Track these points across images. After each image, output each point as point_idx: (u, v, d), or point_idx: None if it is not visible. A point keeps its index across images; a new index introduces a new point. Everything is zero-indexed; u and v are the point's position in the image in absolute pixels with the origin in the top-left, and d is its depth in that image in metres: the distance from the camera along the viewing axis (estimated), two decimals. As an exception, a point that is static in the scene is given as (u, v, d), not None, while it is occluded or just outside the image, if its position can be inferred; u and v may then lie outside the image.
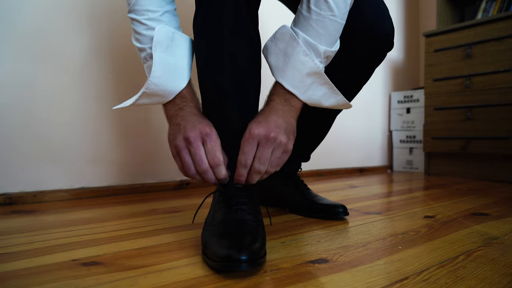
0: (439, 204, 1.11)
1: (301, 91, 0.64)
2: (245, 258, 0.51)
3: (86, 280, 0.50)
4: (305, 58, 0.62)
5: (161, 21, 0.65)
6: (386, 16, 0.75)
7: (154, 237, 0.73)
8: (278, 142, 0.61)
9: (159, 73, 0.63)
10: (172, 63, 0.65)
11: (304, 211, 0.93)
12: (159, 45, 0.63)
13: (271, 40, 0.66)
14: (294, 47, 0.62)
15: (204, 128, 0.61)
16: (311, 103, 0.66)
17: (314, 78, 0.63)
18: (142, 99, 0.65)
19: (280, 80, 0.64)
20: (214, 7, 0.62)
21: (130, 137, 1.33)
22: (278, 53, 0.64)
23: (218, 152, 0.61)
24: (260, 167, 0.61)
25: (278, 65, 0.64)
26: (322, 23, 0.62)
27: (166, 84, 0.64)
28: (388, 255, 0.62)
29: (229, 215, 0.62)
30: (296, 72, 0.62)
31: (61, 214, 0.95)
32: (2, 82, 1.09)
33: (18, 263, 0.58)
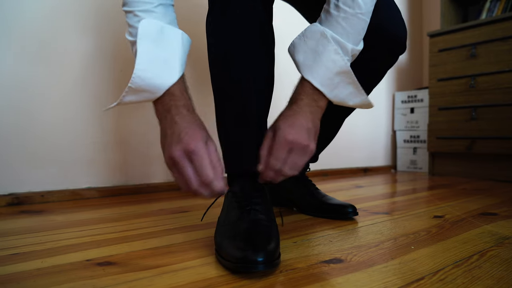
0: (447, 204, 1.11)
1: (329, 89, 0.63)
2: (262, 259, 0.51)
3: (102, 280, 0.50)
4: (336, 57, 0.61)
5: (154, 13, 0.61)
6: (399, 19, 0.75)
7: (165, 237, 0.73)
8: (309, 150, 0.62)
9: (144, 65, 0.59)
10: (160, 56, 0.60)
11: (313, 211, 0.93)
12: (145, 37, 0.59)
13: (299, 38, 0.64)
14: (325, 45, 0.61)
15: (188, 143, 0.56)
16: (336, 102, 0.65)
17: (342, 76, 0.62)
18: (129, 96, 0.61)
19: (309, 78, 0.62)
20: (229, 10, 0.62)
21: (135, 137, 1.33)
22: (307, 51, 0.63)
23: (206, 170, 0.57)
24: (288, 172, 0.62)
25: (307, 62, 0.63)
26: (351, 21, 0.61)
27: (152, 78, 0.59)
28: (401, 255, 0.62)
29: (243, 216, 0.61)
30: (326, 70, 0.61)
31: (70, 214, 0.95)
32: (5, 84, 1.09)
33: (31, 263, 0.58)
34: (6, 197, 1.07)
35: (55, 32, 1.17)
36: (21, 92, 1.11)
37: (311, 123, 0.63)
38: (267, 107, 0.69)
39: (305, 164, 0.65)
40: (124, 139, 1.31)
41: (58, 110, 1.18)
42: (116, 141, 1.29)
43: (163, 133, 0.61)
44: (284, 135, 0.60)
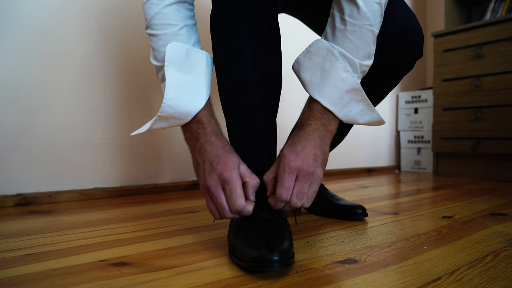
0: (454, 204, 1.11)
1: (339, 108, 0.61)
2: (277, 258, 0.51)
3: (119, 281, 0.50)
4: (345, 74, 0.59)
5: (179, 36, 0.61)
6: (416, 25, 0.74)
7: (176, 237, 0.73)
8: (315, 177, 0.60)
9: (174, 94, 0.59)
10: (188, 81, 0.60)
11: (322, 212, 0.93)
12: (172, 64, 0.59)
13: (304, 55, 0.62)
14: (333, 63, 0.59)
15: (222, 173, 0.57)
16: (346, 120, 0.63)
17: (352, 94, 0.61)
18: (158, 123, 0.61)
19: (317, 97, 0.61)
20: (231, 7, 0.61)
21: (142, 138, 1.33)
22: (314, 69, 0.61)
23: (238, 199, 0.58)
24: (297, 202, 0.60)
25: (314, 81, 0.61)
26: (359, 33, 0.59)
27: (182, 106, 0.59)
28: (415, 255, 0.62)
29: (256, 215, 0.61)
30: (335, 89, 0.60)
31: (79, 215, 0.95)
32: (11, 84, 1.09)
33: (46, 263, 0.58)
34: (14, 198, 1.07)
35: (62, 31, 1.17)
36: (28, 93, 1.11)
37: (319, 150, 0.61)
38: (275, 106, 0.68)
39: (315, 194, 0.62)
40: (131, 140, 1.31)
41: (66, 110, 1.18)
42: (123, 142, 1.29)
43: (195, 161, 0.63)
44: (288, 162, 0.58)
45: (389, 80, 0.80)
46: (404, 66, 0.77)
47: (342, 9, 0.60)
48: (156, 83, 1.36)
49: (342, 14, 0.60)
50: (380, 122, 0.66)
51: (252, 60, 0.61)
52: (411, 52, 0.75)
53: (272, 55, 0.64)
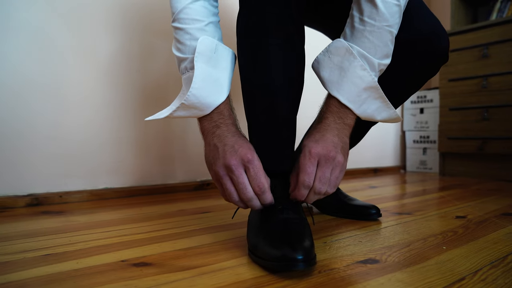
0: (465, 204, 1.11)
1: (357, 105, 0.63)
2: (301, 257, 0.51)
3: (144, 281, 0.50)
4: (362, 73, 0.61)
5: (205, 31, 0.63)
6: (442, 30, 0.74)
7: (194, 237, 0.73)
8: (337, 162, 0.61)
9: (200, 84, 0.61)
10: (213, 75, 0.63)
11: (336, 212, 0.93)
12: (201, 56, 0.62)
13: (324, 54, 0.65)
14: (351, 61, 0.61)
15: (245, 153, 0.59)
16: (364, 117, 0.65)
17: (370, 92, 0.63)
18: (179, 111, 0.63)
19: (335, 94, 0.63)
20: (259, 9, 0.61)
21: (152, 138, 1.33)
22: (333, 67, 0.63)
23: (262, 178, 0.60)
24: (321, 188, 0.61)
25: (333, 79, 0.63)
26: (378, 34, 0.61)
27: (205, 97, 0.62)
28: (435, 255, 0.62)
29: (276, 215, 0.61)
30: (353, 86, 0.62)
31: (92, 215, 0.95)
32: (23, 83, 1.09)
33: (67, 264, 0.58)
34: (25, 198, 1.07)
35: (75, 30, 1.17)
36: (39, 92, 1.11)
37: (337, 138, 0.63)
38: (296, 106, 0.69)
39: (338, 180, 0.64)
40: (141, 140, 1.31)
41: (75, 110, 1.18)
42: (133, 142, 1.29)
43: (212, 147, 0.63)
44: (309, 150, 0.60)
45: (414, 83, 0.80)
46: (431, 70, 0.77)
47: (361, 10, 0.62)
48: (168, 82, 1.36)
49: (362, 15, 0.62)
50: (397, 119, 0.68)
51: (279, 62, 0.62)
52: (439, 56, 0.75)
53: (296, 57, 0.64)
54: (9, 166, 1.07)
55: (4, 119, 1.06)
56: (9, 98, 1.06)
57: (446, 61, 0.79)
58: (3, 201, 1.04)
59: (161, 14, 1.34)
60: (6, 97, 1.06)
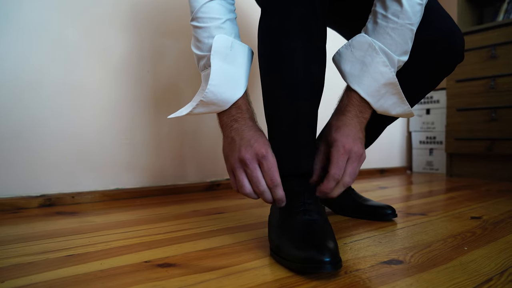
0: (478, 205, 1.11)
1: (375, 99, 0.65)
2: (328, 259, 0.50)
3: (171, 282, 0.50)
4: (384, 69, 0.63)
5: (222, 29, 0.65)
6: (458, 30, 0.76)
7: (213, 238, 0.73)
8: (362, 158, 0.65)
9: (217, 81, 0.62)
10: (230, 71, 0.64)
11: (351, 212, 0.93)
12: (217, 54, 0.63)
13: (346, 48, 0.66)
14: (373, 57, 0.63)
15: (260, 148, 0.60)
16: (380, 111, 0.67)
17: (388, 87, 0.65)
18: (198, 108, 0.65)
19: (356, 88, 0.65)
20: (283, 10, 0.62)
21: (163, 139, 1.33)
22: (354, 61, 0.65)
23: (276, 173, 0.61)
24: (349, 181, 0.63)
25: (354, 73, 0.65)
26: (400, 31, 0.63)
27: (223, 93, 0.63)
28: (458, 256, 0.62)
29: (298, 216, 0.61)
30: (373, 81, 0.64)
31: (106, 216, 0.95)
32: (35, 83, 1.09)
33: (90, 265, 0.58)
34: (38, 198, 1.07)
35: (86, 30, 1.17)
36: (51, 93, 1.11)
37: (361, 133, 0.66)
38: (317, 107, 0.69)
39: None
40: (152, 141, 1.31)
41: (87, 111, 1.18)
42: (144, 142, 1.29)
43: (230, 140, 0.64)
44: (343, 145, 0.62)
45: (431, 82, 0.81)
46: (447, 69, 0.78)
47: (386, 7, 0.64)
48: (179, 82, 1.36)
49: (386, 12, 0.64)
50: (410, 114, 0.71)
51: (300, 62, 0.62)
52: (455, 55, 0.76)
53: (318, 58, 0.65)
54: (21, 167, 1.07)
55: (17, 118, 1.06)
56: (21, 98, 1.06)
57: (462, 60, 0.79)
58: (17, 202, 1.04)
59: (173, 15, 1.34)
60: (20, 96, 1.06)
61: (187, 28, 1.35)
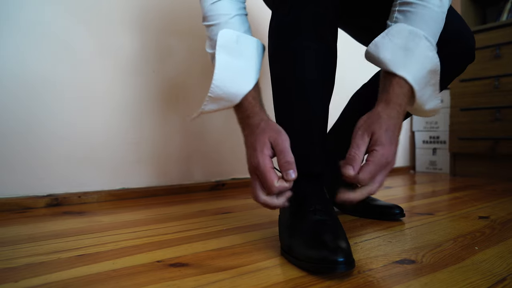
0: (484, 205, 1.11)
1: (421, 87, 0.60)
2: (342, 260, 0.50)
3: (185, 282, 0.50)
4: (430, 53, 0.59)
5: (231, 24, 0.65)
6: (469, 30, 0.75)
7: (223, 238, 0.73)
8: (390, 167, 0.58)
9: (221, 75, 0.62)
10: (236, 65, 0.64)
11: (358, 212, 0.93)
12: (222, 48, 0.63)
13: (383, 37, 0.61)
14: (417, 42, 0.59)
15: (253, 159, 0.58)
16: (418, 103, 0.62)
17: (431, 76, 0.60)
18: (209, 105, 0.64)
19: (401, 73, 0.58)
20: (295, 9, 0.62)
21: (168, 139, 1.33)
22: (395, 48, 0.60)
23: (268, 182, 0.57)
24: (376, 191, 0.58)
25: (397, 59, 0.59)
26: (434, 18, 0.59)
27: (230, 87, 0.63)
28: (469, 255, 0.62)
29: (309, 216, 0.61)
30: (420, 66, 0.59)
31: (114, 215, 0.95)
32: (39, 84, 1.09)
33: (103, 264, 0.58)
34: (45, 198, 1.07)
35: (98, 32, 1.17)
36: (56, 93, 1.11)
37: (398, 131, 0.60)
38: (328, 106, 0.69)
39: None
40: (157, 141, 1.31)
41: (93, 111, 1.18)
42: (149, 142, 1.29)
43: (246, 146, 0.63)
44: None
45: (441, 83, 0.80)
46: (458, 70, 0.78)
47: None
48: (186, 82, 1.36)
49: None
50: (438, 111, 0.66)
51: (311, 62, 0.62)
52: (467, 56, 0.76)
53: (329, 58, 0.64)
54: (28, 167, 1.07)
55: (21, 119, 1.06)
56: (26, 98, 1.06)
57: (473, 60, 0.79)
58: (24, 202, 1.04)
59: (180, 15, 1.34)
60: (23, 97, 1.06)
61: (195, 28, 1.35)
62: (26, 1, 1.05)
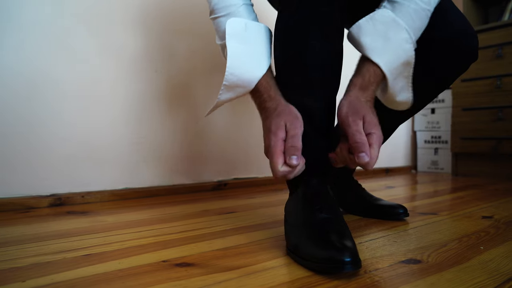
0: (487, 204, 1.11)
1: (393, 76, 0.62)
2: (349, 259, 0.50)
3: (192, 282, 0.50)
4: (407, 46, 0.61)
5: (238, 13, 0.65)
6: (472, 29, 0.75)
7: (228, 237, 0.73)
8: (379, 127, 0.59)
9: (234, 62, 0.63)
10: (248, 51, 0.64)
11: (362, 212, 0.93)
12: (232, 36, 0.63)
13: (367, 21, 0.63)
14: (397, 32, 0.61)
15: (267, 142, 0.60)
16: (389, 93, 0.64)
17: (404, 68, 0.63)
18: (225, 94, 0.65)
19: (376, 60, 0.61)
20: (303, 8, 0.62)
21: (169, 139, 1.33)
22: (376, 34, 0.61)
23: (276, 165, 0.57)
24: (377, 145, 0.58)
25: (376, 46, 0.61)
26: (420, 14, 0.61)
27: (244, 73, 0.63)
28: (475, 255, 0.62)
29: (315, 215, 0.61)
30: (395, 57, 0.61)
31: (118, 215, 0.95)
32: (44, 84, 1.09)
33: (108, 264, 0.58)
34: (48, 198, 1.07)
35: (109, 28, 1.17)
36: (60, 93, 1.11)
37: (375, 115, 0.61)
38: (334, 105, 0.68)
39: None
40: (159, 141, 1.31)
41: (96, 111, 1.18)
42: (151, 142, 1.29)
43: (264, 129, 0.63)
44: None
45: (444, 83, 0.81)
46: (461, 69, 0.78)
47: None
48: (190, 82, 1.36)
49: None
50: (409, 104, 0.67)
51: (317, 62, 0.62)
52: (470, 55, 0.76)
53: (336, 57, 0.64)
54: (31, 167, 1.07)
55: (23, 119, 1.06)
56: (28, 97, 1.06)
57: (476, 60, 0.79)
58: (27, 201, 1.04)
59: (183, 14, 1.34)
60: (26, 96, 1.06)
61: (198, 26, 1.35)
62: (27, 1, 1.05)
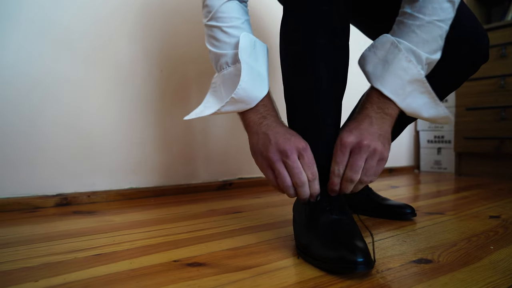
0: (493, 204, 1.11)
1: (401, 98, 0.61)
2: (362, 260, 0.50)
3: (205, 281, 0.50)
4: (407, 64, 0.60)
5: (241, 29, 0.65)
6: (483, 29, 0.75)
7: (237, 237, 0.73)
8: (372, 150, 0.60)
9: (247, 78, 0.63)
10: (256, 69, 0.65)
11: (369, 212, 0.93)
12: (244, 51, 0.63)
13: (369, 50, 0.65)
14: (396, 54, 0.61)
15: (299, 142, 0.60)
16: (409, 112, 0.63)
17: (415, 85, 0.61)
18: (227, 106, 0.64)
19: (378, 87, 0.62)
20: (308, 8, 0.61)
21: (173, 139, 1.33)
22: (377, 61, 0.63)
23: (315, 166, 0.61)
24: (353, 176, 0.60)
25: (376, 72, 0.63)
26: (426, 28, 0.60)
27: (252, 90, 0.63)
28: (486, 255, 0.62)
29: (325, 216, 0.61)
30: (397, 78, 0.61)
31: (125, 215, 0.95)
32: (52, 84, 1.09)
33: (120, 264, 0.58)
34: (54, 198, 1.07)
35: (107, 35, 1.17)
36: (65, 93, 1.11)
37: (375, 127, 0.61)
38: (340, 105, 0.68)
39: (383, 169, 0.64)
40: (163, 140, 1.31)
41: (103, 111, 1.18)
42: (156, 142, 1.29)
43: (262, 135, 0.63)
44: (340, 139, 0.61)
45: (454, 83, 0.81)
46: (471, 69, 0.78)
47: (412, 6, 0.62)
48: (188, 83, 1.36)
49: (412, 10, 0.62)
50: (447, 119, 0.65)
51: (323, 63, 0.62)
52: (481, 56, 0.76)
53: (341, 57, 0.65)
54: (37, 167, 1.07)
55: (28, 118, 1.06)
56: (34, 97, 1.06)
57: (487, 60, 0.79)
58: (33, 201, 1.04)
59: (183, 16, 1.34)
60: (31, 96, 1.06)
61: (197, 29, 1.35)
62: (39, 2, 1.06)
